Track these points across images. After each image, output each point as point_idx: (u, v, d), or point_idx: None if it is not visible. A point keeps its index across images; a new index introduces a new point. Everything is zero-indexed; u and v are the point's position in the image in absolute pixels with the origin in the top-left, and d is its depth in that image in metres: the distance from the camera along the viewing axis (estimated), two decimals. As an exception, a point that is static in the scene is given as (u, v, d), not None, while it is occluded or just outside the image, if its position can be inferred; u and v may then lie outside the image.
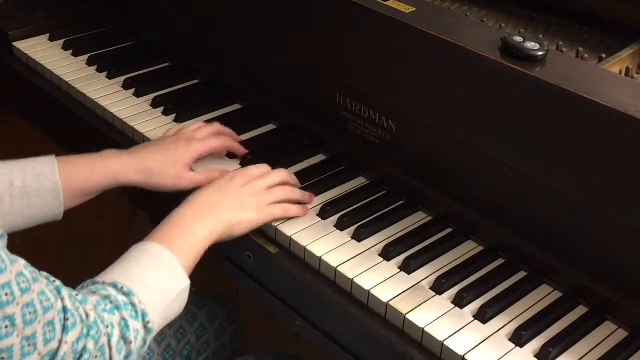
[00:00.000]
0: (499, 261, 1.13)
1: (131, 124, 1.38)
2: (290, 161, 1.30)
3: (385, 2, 1.19)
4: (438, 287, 1.07)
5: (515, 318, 1.04)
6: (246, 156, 1.30)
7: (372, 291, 1.06)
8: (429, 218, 1.21)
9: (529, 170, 1.07)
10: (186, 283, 1.01)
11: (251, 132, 1.38)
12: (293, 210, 1.17)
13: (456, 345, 0.99)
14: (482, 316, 1.03)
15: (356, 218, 1.18)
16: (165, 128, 1.35)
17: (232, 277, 1.21)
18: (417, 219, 1.20)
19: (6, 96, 1.70)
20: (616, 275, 1.03)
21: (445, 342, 0.99)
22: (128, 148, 1.24)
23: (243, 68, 1.45)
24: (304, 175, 1.27)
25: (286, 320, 1.15)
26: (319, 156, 1.33)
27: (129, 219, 2.20)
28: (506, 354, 0.99)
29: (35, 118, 1.67)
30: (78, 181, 1.15)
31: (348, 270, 1.09)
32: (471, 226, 1.17)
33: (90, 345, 0.85)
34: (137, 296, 0.93)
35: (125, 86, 1.49)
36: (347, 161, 1.30)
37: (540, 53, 1.05)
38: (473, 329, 1.02)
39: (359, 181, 1.28)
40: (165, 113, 1.42)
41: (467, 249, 1.15)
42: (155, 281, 0.97)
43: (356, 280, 1.07)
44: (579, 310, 1.07)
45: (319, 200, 1.23)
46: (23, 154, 1.15)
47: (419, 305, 1.05)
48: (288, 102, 1.38)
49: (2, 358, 0.77)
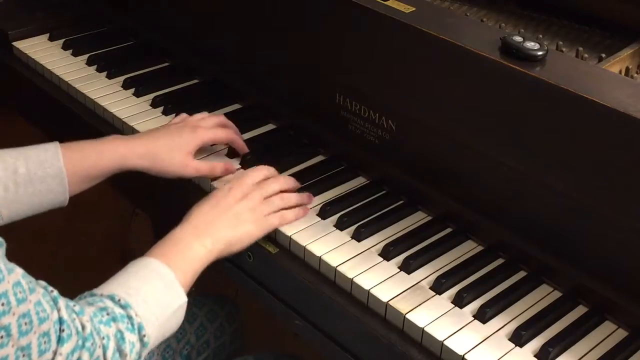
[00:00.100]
0: (499, 261, 1.13)
1: (131, 124, 1.38)
2: (290, 161, 1.30)
3: (385, 2, 1.19)
4: (438, 287, 1.07)
5: (515, 318, 1.04)
6: (246, 156, 1.30)
7: (372, 291, 1.06)
8: (429, 218, 1.21)
9: (529, 170, 1.07)
10: (184, 300, 1.01)
11: (251, 132, 1.38)
12: (290, 216, 1.16)
13: (456, 345, 0.99)
14: (482, 316, 1.03)
15: (356, 218, 1.18)
16: (165, 128, 1.35)
17: (232, 277, 1.21)
18: (417, 219, 1.20)
19: (6, 96, 1.70)
20: (616, 275, 1.03)
21: (445, 342, 1.00)
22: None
23: (243, 68, 1.45)
24: (304, 175, 1.27)
25: (286, 320, 1.15)
26: (319, 156, 1.33)
27: (129, 219, 2.21)
28: (506, 354, 0.99)
29: (35, 118, 1.67)
30: (84, 166, 1.15)
31: (348, 270, 1.09)
32: (471, 226, 1.17)
33: (85, 357, 0.85)
34: (134, 309, 0.93)
35: (125, 86, 1.49)
36: (347, 161, 1.30)
37: (540, 53, 1.05)
38: (473, 329, 1.02)
39: (359, 181, 1.28)
40: (165, 113, 1.42)
41: (467, 249, 1.15)
42: (152, 296, 0.97)
43: (356, 280, 1.07)
44: (579, 310, 1.07)
45: (319, 200, 1.23)
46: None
47: (419, 305, 1.05)
48: (288, 102, 1.38)
49: None
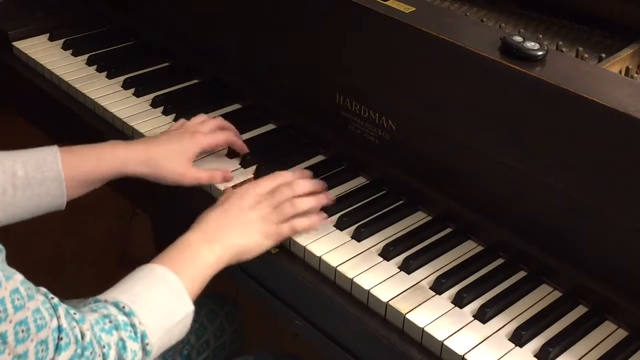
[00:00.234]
0: (499, 261, 1.13)
1: (131, 124, 1.38)
2: (290, 161, 1.30)
3: (385, 2, 1.19)
4: (438, 287, 1.07)
5: (515, 318, 1.04)
6: (246, 156, 1.30)
7: (372, 291, 1.06)
8: (429, 218, 1.21)
9: (529, 170, 1.07)
10: (190, 309, 0.99)
11: (251, 132, 1.38)
12: (302, 224, 1.13)
13: (456, 345, 0.99)
14: (482, 316, 1.03)
15: (356, 218, 1.18)
16: (165, 128, 1.35)
17: (232, 277, 1.21)
18: (417, 219, 1.20)
19: (6, 96, 1.70)
20: (616, 275, 1.03)
21: (445, 342, 1.00)
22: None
23: (243, 68, 1.45)
24: (304, 175, 1.27)
25: (286, 320, 1.15)
26: (319, 156, 1.33)
27: (129, 219, 2.21)
28: (506, 354, 0.99)
29: (35, 118, 1.67)
30: (83, 171, 1.15)
31: (348, 270, 1.09)
32: (471, 226, 1.17)
33: None
34: (138, 317, 0.92)
35: (125, 86, 1.49)
36: (347, 161, 1.30)
37: (540, 53, 1.05)
38: (473, 329, 1.02)
39: (359, 181, 1.28)
40: (165, 113, 1.42)
41: (467, 249, 1.15)
42: (158, 304, 0.96)
43: (356, 280, 1.07)
44: (579, 310, 1.07)
45: (319, 200, 1.23)
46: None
47: (419, 305, 1.05)
48: (288, 102, 1.38)
49: None
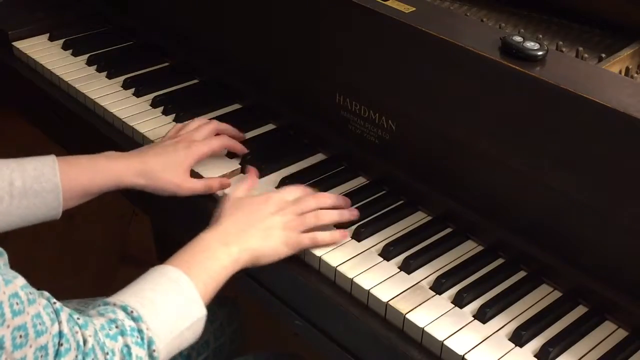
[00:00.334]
0: (499, 261, 1.13)
1: (131, 124, 1.38)
2: (290, 161, 1.30)
3: (385, 2, 1.19)
4: (438, 287, 1.07)
5: (515, 318, 1.04)
6: (246, 156, 1.30)
7: (372, 291, 1.06)
8: (429, 218, 1.21)
9: (529, 170, 1.07)
10: (202, 313, 0.98)
11: (251, 132, 1.38)
12: (324, 238, 1.12)
13: (456, 345, 0.99)
14: (482, 316, 1.03)
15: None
16: (165, 128, 1.35)
17: (232, 277, 1.21)
18: (417, 219, 1.20)
19: (6, 96, 1.70)
20: (616, 275, 1.03)
21: (445, 342, 0.99)
22: (128, 149, 1.24)
23: (243, 68, 1.45)
24: (304, 175, 1.27)
25: (286, 320, 1.15)
26: (319, 156, 1.33)
27: (129, 219, 2.21)
28: (506, 354, 0.99)
29: (35, 118, 1.67)
30: (80, 183, 1.15)
31: (348, 270, 1.09)
32: (471, 226, 1.17)
33: None
34: (146, 322, 0.90)
35: (125, 86, 1.49)
36: (347, 161, 1.30)
37: (540, 53, 1.05)
38: (473, 329, 1.02)
39: (359, 181, 1.28)
40: (165, 113, 1.42)
41: (467, 249, 1.15)
42: (168, 308, 0.94)
43: (356, 280, 1.07)
44: (579, 310, 1.07)
45: (319, 200, 1.22)
46: (23, 154, 1.15)
47: (419, 305, 1.04)
48: (288, 102, 1.38)
49: None
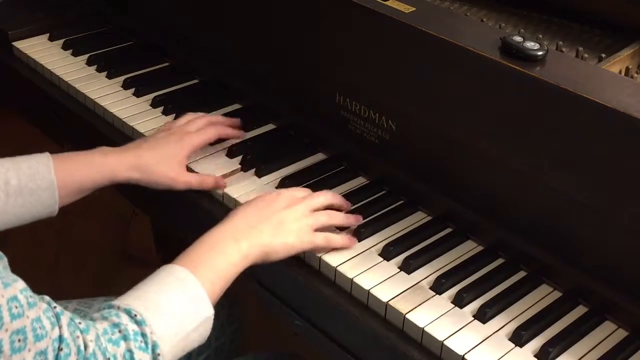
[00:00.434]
0: (499, 261, 1.13)
1: (131, 124, 1.38)
2: (290, 161, 1.30)
3: (385, 2, 1.19)
4: (438, 287, 1.07)
5: (515, 318, 1.04)
6: (246, 156, 1.30)
7: (372, 291, 1.06)
8: (429, 218, 1.21)
9: (529, 170, 1.07)
10: (209, 313, 0.97)
11: (251, 132, 1.38)
12: (336, 241, 1.11)
13: (456, 345, 0.99)
14: (482, 316, 1.03)
15: (356, 218, 1.18)
16: (165, 128, 1.35)
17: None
18: (417, 219, 1.20)
19: (6, 96, 1.70)
20: (616, 275, 1.03)
21: (445, 342, 0.99)
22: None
23: (243, 68, 1.45)
24: (304, 175, 1.27)
25: (286, 320, 1.15)
26: (319, 156, 1.33)
27: (129, 219, 2.20)
28: (506, 354, 0.99)
29: (35, 118, 1.67)
30: (75, 179, 1.15)
31: (348, 270, 1.09)
32: (471, 226, 1.17)
33: None
34: (150, 326, 0.89)
35: (125, 86, 1.49)
36: (347, 161, 1.30)
37: (540, 53, 1.05)
38: (473, 329, 1.02)
39: (359, 181, 1.28)
40: (165, 113, 1.42)
41: (467, 249, 1.15)
42: (173, 309, 0.93)
43: (356, 280, 1.07)
44: (579, 310, 1.07)
45: (319, 200, 1.22)
46: (23, 154, 1.15)
47: (419, 305, 1.04)
48: (288, 102, 1.38)
49: None
